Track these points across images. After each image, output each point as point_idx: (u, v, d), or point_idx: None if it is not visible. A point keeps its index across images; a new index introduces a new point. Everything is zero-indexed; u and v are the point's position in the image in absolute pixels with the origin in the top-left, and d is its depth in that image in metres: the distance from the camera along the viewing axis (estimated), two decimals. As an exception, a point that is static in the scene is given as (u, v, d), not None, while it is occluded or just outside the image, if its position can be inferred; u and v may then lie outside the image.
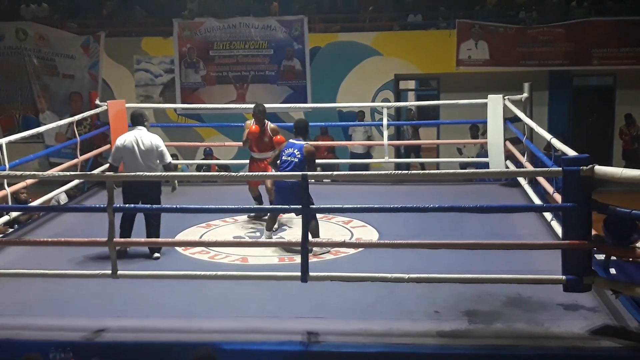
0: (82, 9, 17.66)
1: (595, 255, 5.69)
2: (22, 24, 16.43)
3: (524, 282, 5.67)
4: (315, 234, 7.07)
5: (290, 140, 7.59)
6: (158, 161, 7.23)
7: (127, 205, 6.95)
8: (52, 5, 17.78)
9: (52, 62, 16.17)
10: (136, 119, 7.37)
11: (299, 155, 7.36)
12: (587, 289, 5.25)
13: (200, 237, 7.75)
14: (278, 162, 7.54)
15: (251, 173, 7.08)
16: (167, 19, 16.38)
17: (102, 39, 15.87)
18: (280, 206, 7.34)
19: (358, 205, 6.07)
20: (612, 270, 5.61)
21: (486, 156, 10.29)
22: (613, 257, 5.50)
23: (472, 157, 13.51)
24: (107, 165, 10.37)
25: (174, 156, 13.87)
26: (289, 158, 7.42)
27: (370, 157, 15.03)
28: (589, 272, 5.17)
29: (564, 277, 5.19)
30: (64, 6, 17.93)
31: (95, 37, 15.94)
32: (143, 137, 7.18)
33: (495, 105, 9.77)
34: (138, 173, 6.51)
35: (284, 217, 8.28)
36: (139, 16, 17.36)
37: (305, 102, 15.50)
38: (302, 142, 7.48)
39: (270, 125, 8.49)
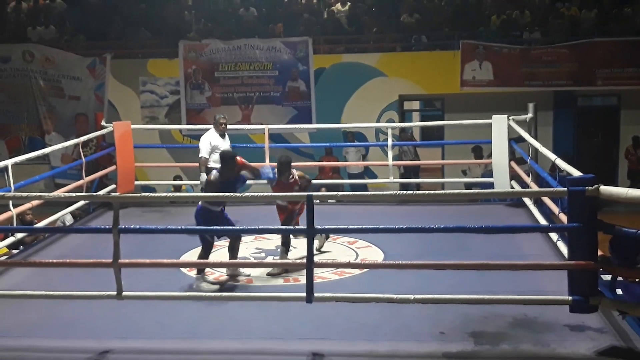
0: (88, 31, 17.77)
1: (602, 276, 5.67)
2: (28, 46, 16.51)
3: (530, 303, 5.65)
4: (233, 256, 7.09)
5: None
6: None
7: (132, 226, 6.95)
8: (58, 28, 17.89)
9: (58, 83, 16.24)
10: None
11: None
12: (594, 309, 5.23)
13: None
14: None
15: (255, 194, 7.09)
16: (173, 40, 16.45)
17: (108, 60, 15.94)
18: (285, 227, 7.35)
19: (363, 226, 6.06)
20: (619, 291, 5.59)
21: (490, 176, 10.29)
22: (619, 278, 5.47)
23: (476, 177, 13.53)
24: (112, 186, 10.52)
25: (177, 177, 14.03)
26: None
27: (364, 177, 15.10)
28: (595, 293, 5.15)
29: (570, 297, 5.18)
30: (71, 28, 18.05)
31: (101, 59, 16.01)
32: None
33: (499, 125, 9.78)
34: (143, 194, 6.78)
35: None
36: (144, 38, 17.45)
37: (310, 123, 15.54)
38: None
39: (296, 175, 7.74)
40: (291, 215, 7.48)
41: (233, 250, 7.14)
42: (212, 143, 9.01)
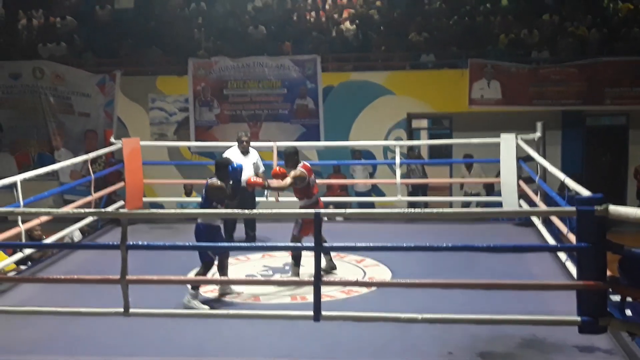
0: (98, 49, 17.88)
1: (611, 297, 5.64)
2: (39, 63, 16.60)
3: (538, 323, 5.62)
4: (223, 274, 7.11)
5: None
6: None
7: (140, 243, 6.96)
8: (69, 45, 18.01)
9: (68, 100, 16.31)
10: None
11: (203, 195, 7.15)
12: (603, 330, 5.19)
13: (212, 276, 7.73)
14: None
15: (264, 211, 7.08)
16: (182, 58, 16.53)
17: (118, 77, 16.01)
18: (292, 244, 7.34)
19: (371, 244, 6.05)
20: (628, 312, 5.55)
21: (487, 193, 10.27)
22: (629, 299, 5.44)
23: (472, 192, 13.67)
24: (121, 203, 10.54)
25: (189, 190, 14.02)
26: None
27: (371, 195, 15.10)
28: (604, 314, 5.12)
29: (579, 318, 5.14)
30: (81, 45, 18.17)
31: (111, 75, 16.09)
32: None
33: (508, 144, 9.77)
34: (152, 210, 6.67)
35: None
36: (154, 55, 17.54)
37: (318, 140, 15.57)
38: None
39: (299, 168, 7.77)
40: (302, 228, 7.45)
41: (222, 268, 7.14)
42: None
